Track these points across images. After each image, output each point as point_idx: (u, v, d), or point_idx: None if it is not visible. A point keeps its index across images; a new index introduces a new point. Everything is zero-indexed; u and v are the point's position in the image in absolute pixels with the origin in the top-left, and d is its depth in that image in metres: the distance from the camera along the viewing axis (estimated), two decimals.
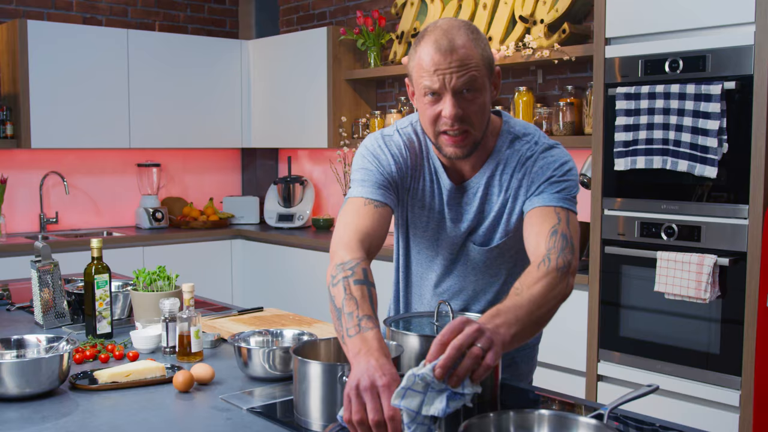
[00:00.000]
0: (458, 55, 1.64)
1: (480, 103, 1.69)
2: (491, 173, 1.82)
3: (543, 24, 4.02)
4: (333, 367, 1.52)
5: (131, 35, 5.15)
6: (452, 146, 1.72)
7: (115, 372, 1.86)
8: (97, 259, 2.28)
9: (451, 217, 1.88)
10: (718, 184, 3.02)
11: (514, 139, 1.82)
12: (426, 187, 1.87)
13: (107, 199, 5.49)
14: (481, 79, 1.67)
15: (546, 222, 1.70)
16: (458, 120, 1.68)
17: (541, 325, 1.57)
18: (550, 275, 1.60)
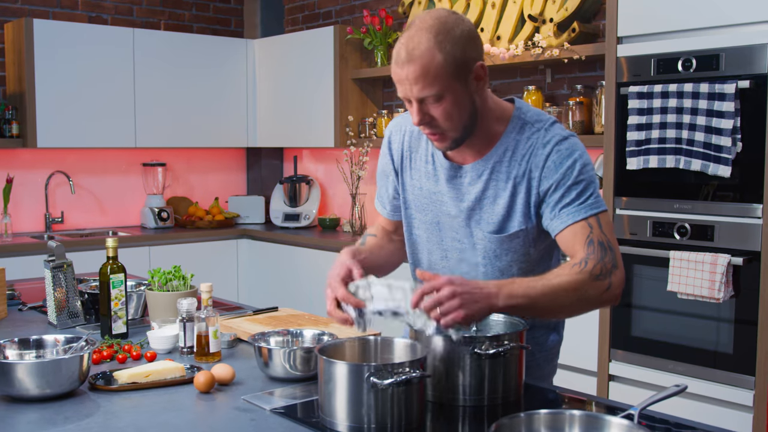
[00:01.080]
0: (415, 66, 1.65)
1: (446, 108, 1.69)
2: (499, 158, 1.81)
3: (552, 23, 4.01)
4: (359, 368, 1.51)
5: (137, 34, 5.13)
6: (435, 143, 1.79)
7: (135, 372, 1.84)
8: (113, 259, 2.27)
9: (452, 195, 1.87)
10: (731, 184, 3.01)
11: (524, 125, 1.81)
12: (422, 168, 1.92)
13: (113, 198, 5.47)
14: (445, 86, 1.67)
15: (579, 236, 1.72)
16: (425, 125, 1.72)
17: (553, 314, 1.72)
18: (581, 275, 1.65)
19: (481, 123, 1.78)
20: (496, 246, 1.84)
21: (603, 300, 1.67)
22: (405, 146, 1.95)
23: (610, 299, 1.68)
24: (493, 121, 1.81)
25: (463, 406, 1.70)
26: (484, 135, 1.80)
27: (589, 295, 1.65)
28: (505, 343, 1.68)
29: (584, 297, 1.64)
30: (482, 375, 1.69)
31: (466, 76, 1.69)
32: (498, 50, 4.14)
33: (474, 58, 1.70)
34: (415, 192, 1.94)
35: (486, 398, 1.71)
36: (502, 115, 1.82)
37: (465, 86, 1.70)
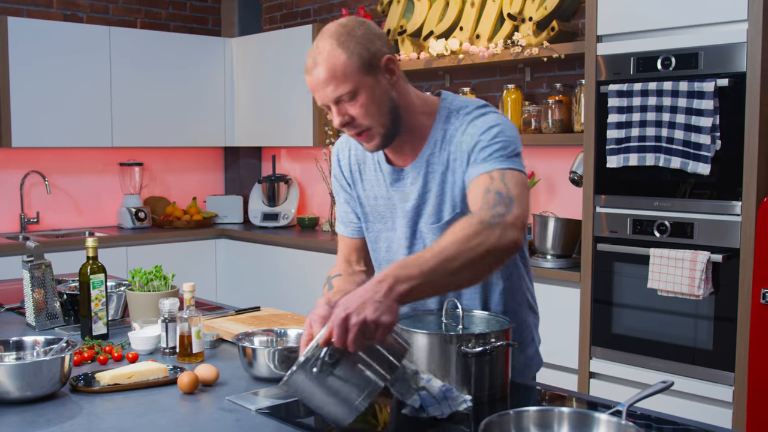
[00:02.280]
0: (322, 68, 1.69)
1: (363, 103, 1.71)
2: (431, 151, 1.83)
3: (532, 22, 4.02)
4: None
5: (113, 33, 5.08)
6: (365, 144, 1.79)
7: (117, 374, 1.82)
8: (93, 259, 2.24)
9: (399, 197, 1.89)
10: (710, 181, 3.04)
11: (450, 114, 1.83)
12: (372, 177, 1.94)
13: (89, 198, 5.41)
14: (356, 82, 1.70)
15: (480, 186, 1.69)
16: (349, 126, 1.74)
17: (460, 278, 1.53)
18: (471, 228, 1.55)
19: (407, 120, 1.81)
20: (438, 236, 1.80)
21: (502, 246, 1.56)
22: (353, 161, 1.98)
23: (508, 244, 1.57)
24: (420, 117, 1.83)
25: None
26: (415, 132, 1.83)
27: (486, 245, 1.53)
28: (492, 341, 1.68)
29: (481, 248, 1.53)
30: (469, 373, 1.69)
31: (375, 71, 1.72)
32: (477, 49, 4.14)
33: (380, 53, 1.73)
34: (371, 202, 1.96)
35: (472, 397, 1.70)
36: (429, 109, 1.85)
37: (377, 81, 1.73)
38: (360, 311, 1.40)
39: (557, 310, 3.54)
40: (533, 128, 4.06)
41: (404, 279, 1.45)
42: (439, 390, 1.60)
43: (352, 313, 1.40)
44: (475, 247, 1.52)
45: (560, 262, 3.65)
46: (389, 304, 1.42)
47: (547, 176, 4.20)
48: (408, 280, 1.45)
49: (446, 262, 1.49)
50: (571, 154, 4.01)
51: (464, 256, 1.50)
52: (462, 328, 1.75)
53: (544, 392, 1.82)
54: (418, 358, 1.70)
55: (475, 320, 1.83)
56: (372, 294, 1.42)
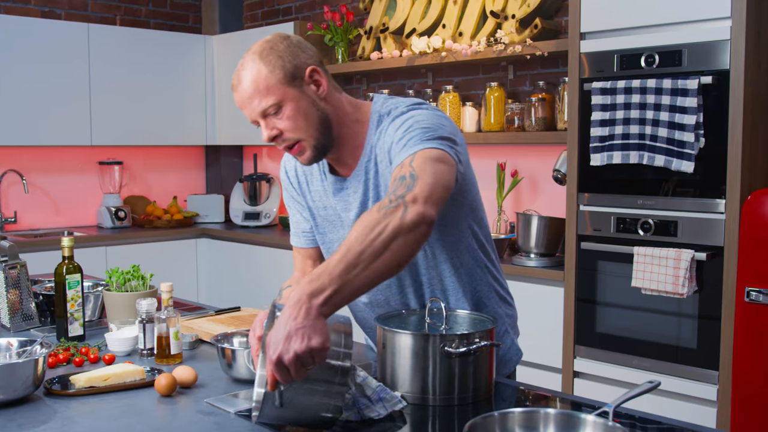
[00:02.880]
0: (245, 83, 1.72)
1: (289, 116, 1.72)
2: (368, 158, 1.81)
3: (515, 19, 4.00)
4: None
5: (92, 29, 5.01)
6: (298, 158, 1.79)
7: (93, 376, 1.77)
8: (69, 259, 2.19)
9: (342, 207, 1.88)
10: (694, 179, 3.02)
11: (381, 117, 1.81)
12: (319, 188, 1.93)
13: (68, 198, 5.34)
14: (279, 94, 1.71)
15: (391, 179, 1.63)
16: (278, 139, 1.75)
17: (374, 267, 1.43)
18: (369, 217, 1.48)
19: (341, 130, 1.80)
20: None
21: (407, 224, 1.46)
22: (299, 172, 1.97)
23: (413, 220, 1.47)
24: (354, 125, 1.82)
25: (433, 405, 1.66)
26: (352, 140, 1.82)
27: (389, 229, 1.45)
28: (476, 341, 1.65)
29: (384, 233, 1.44)
30: (452, 374, 1.66)
31: (300, 83, 1.73)
32: (460, 46, 4.12)
33: (304, 65, 1.73)
34: (321, 213, 1.95)
35: (456, 397, 1.67)
36: (362, 116, 1.84)
37: (302, 93, 1.73)
38: (288, 348, 1.35)
39: (541, 309, 3.52)
40: (516, 126, 4.04)
41: (318, 291, 1.39)
42: (374, 390, 1.57)
43: (282, 353, 1.35)
44: (377, 234, 1.44)
45: (544, 260, 3.63)
46: (312, 324, 1.37)
47: (530, 174, 4.18)
48: (321, 292, 1.39)
49: (354, 259, 1.42)
50: (555, 152, 4.00)
51: (370, 247, 1.43)
52: (446, 327, 1.72)
53: (528, 393, 1.79)
54: (401, 359, 1.67)
55: (459, 320, 1.80)
56: (293, 322, 1.37)
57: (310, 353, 1.36)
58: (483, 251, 1.93)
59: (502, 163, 4.15)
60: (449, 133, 1.72)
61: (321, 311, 1.39)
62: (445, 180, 1.60)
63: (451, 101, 4.26)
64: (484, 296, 1.95)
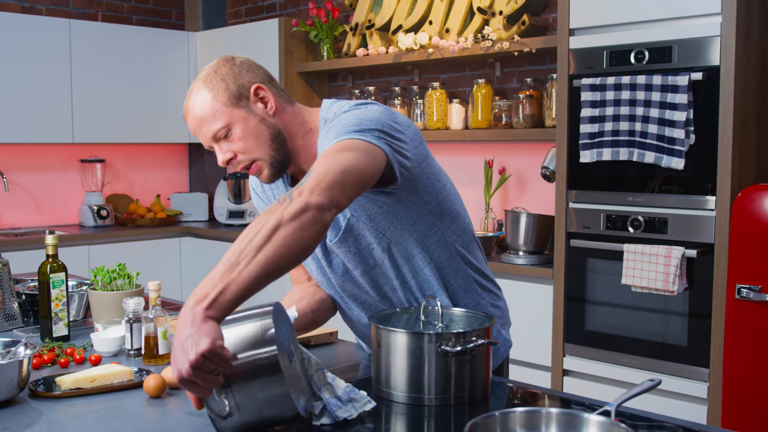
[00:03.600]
0: (193, 111, 1.74)
1: (239, 136, 1.73)
2: None
3: (502, 16, 3.97)
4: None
5: (73, 26, 4.94)
6: (259, 178, 1.78)
7: (79, 377, 1.73)
8: (53, 257, 2.14)
9: None
10: (684, 176, 3.01)
11: (326, 123, 1.78)
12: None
13: (49, 196, 5.27)
14: (226, 117, 1.72)
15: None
16: (233, 161, 1.75)
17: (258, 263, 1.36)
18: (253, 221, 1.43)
19: (296, 142, 1.79)
20: (345, 249, 1.80)
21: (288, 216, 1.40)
22: (267, 190, 1.95)
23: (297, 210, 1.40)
24: (308, 135, 1.81)
25: (428, 405, 1.63)
26: (307, 152, 1.81)
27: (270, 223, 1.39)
28: (473, 339, 1.62)
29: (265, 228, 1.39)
30: (448, 373, 1.63)
31: (245, 103, 1.74)
32: (447, 43, 4.09)
33: (248, 84, 1.75)
34: None
35: (452, 397, 1.64)
36: (313, 124, 1.82)
37: (249, 112, 1.74)
38: (183, 361, 1.29)
39: (530, 307, 3.50)
40: (504, 123, 4.02)
41: (202, 297, 1.33)
42: (344, 391, 1.54)
43: (180, 368, 1.30)
44: (257, 232, 1.38)
45: (532, 258, 3.61)
46: (198, 330, 1.30)
47: (518, 172, 4.16)
48: (206, 296, 1.33)
49: (235, 258, 1.36)
50: (543, 149, 3.98)
51: (249, 244, 1.37)
52: (441, 326, 1.69)
53: (525, 392, 1.77)
54: (396, 358, 1.64)
55: (455, 318, 1.77)
56: (182, 332, 1.32)
57: (203, 358, 1.28)
58: (460, 243, 1.90)
59: (489, 160, 4.12)
60: (382, 126, 1.64)
61: (206, 315, 1.32)
62: (347, 165, 1.51)
63: (437, 98, 4.23)
64: (461, 288, 1.92)
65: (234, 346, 1.38)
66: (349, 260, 1.84)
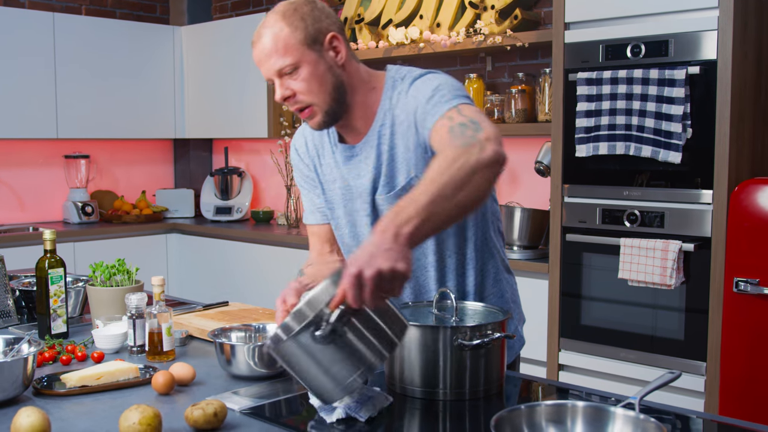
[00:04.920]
0: (265, 41, 1.72)
1: (304, 78, 1.72)
2: (381, 122, 1.81)
3: (494, 10, 3.95)
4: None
5: (57, 19, 4.86)
6: (307, 120, 1.79)
7: (85, 375, 1.69)
8: (51, 252, 2.09)
9: (353, 175, 1.86)
10: (681, 170, 3.01)
11: (395, 82, 1.82)
12: (330, 162, 1.91)
13: (32, 192, 5.18)
14: (298, 56, 1.71)
15: (441, 130, 1.63)
16: (290, 100, 1.75)
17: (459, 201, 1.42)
18: (448, 153, 1.48)
19: (355, 97, 1.80)
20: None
21: (484, 160, 1.45)
22: (310, 147, 1.96)
23: (491, 156, 1.46)
24: (369, 93, 1.82)
25: (443, 400, 1.61)
26: (365, 108, 1.82)
27: (470, 162, 1.44)
28: (489, 332, 1.60)
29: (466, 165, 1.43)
30: (464, 367, 1.61)
31: (319, 48, 1.73)
32: (438, 37, 4.07)
33: (325, 30, 1.74)
34: (330, 187, 1.93)
35: (467, 392, 1.62)
36: (377, 83, 1.84)
37: (320, 57, 1.74)
38: (372, 263, 1.30)
39: (525, 302, 3.46)
40: (496, 118, 4.00)
41: (405, 221, 1.36)
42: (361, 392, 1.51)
43: (364, 267, 1.30)
44: (460, 167, 1.43)
45: (527, 253, 3.60)
46: (400, 250, 1.33)
47: (511, 166, 4.15)
48: (409, 221, 1.36)
49: (439, 190, 1.40)
50: (535, 143, 3.97)
51: (453, 178, 1.41)
52: (456, 319, 1.66)
53: (541, 386, 1.75)
54: (411, 352, 1.62)
55: (468, 311, 1.74)
56: (379, 245, 1.33)
57: (392, 275, 1.30)
58: (495, 228, 1.94)
59: None
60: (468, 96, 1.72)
61: (409, 240, 1.35)
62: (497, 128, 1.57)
63: None
64: (491, 277, 1.94)
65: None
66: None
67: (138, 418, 1.35)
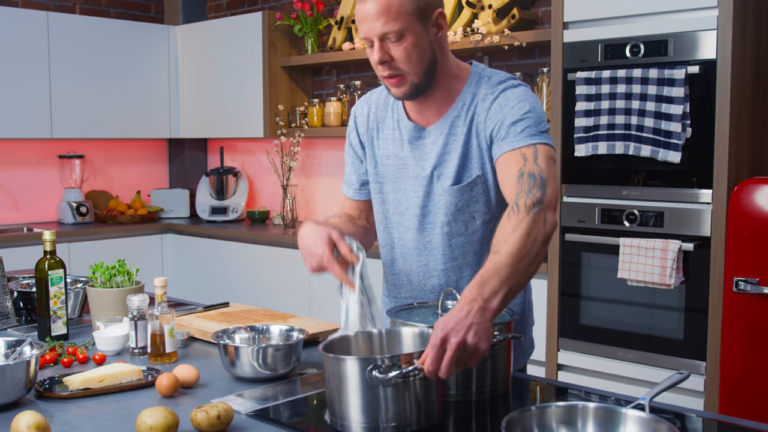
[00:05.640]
0: (374, 4, 1.70)
1: (407, 47, 1.73)
2: (457, 113, 1.83)
3: (491, 9, 3.95)
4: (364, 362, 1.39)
5: (51, 18, 4.84)
6: (392, 87, 1.79)
7: (87, 377, 1.67)
8: (51, 253, 2.08)
9: (416, 156, 1.88)
10: (681, 170, 3.01)
11: (481, 79, 1.84)
12: (389, 136, 1.93)
13: (27, 192, 5.15)
14: (406, 24, 1.71)
15: (512, 166, 1.71)
16: (386, 65, 1.74)
17: (529, 274, 1.58)
18: (523, 222, 1.59)
19: (440, 79, 1.82)
20: (457, 199, 1.84)
21: (548, 233, 1.61)
22: (371, 118, 1.97)
23: (551, 228, 1.62)
24: (452, 79, 1.84)
25: (450, 401, 1.60)
26: (444, 93, 1.84)
27: (540, 237, 1.59)
28: (495, 334, 1.59)
29: (538, 240, 1.58)
30: (470, 369, 1.60)
31: (426, 21, 1.74)
32: None
33: (434, 5, 1.76)
34: (383, 161, 1.94)
35: (474, 393, 1.62)
36: (461, 73, 1.86)
37: (425, 30, 1.75)
38: (459, 332, 1.39)
39: None
40: None
41: (491, 294, 1.48)
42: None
43: (451, 334, 1.39)
44: (533, 242, 1.56)
45: None
46: (486, 327, 1.44)
47: None
48: (495, 295, 1.48)
49: (518, 263, 1.53)
50: None
51: (529, 253, 1.55)
52: None
53: (549, 387, 1.74)
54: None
55: None
56: (466, 315, 1.43)
57: (474, 350, 1.41)
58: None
59: None
60: (548, 123, 1.82)
61: (495, 314, 1.48)
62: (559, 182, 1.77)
63: None
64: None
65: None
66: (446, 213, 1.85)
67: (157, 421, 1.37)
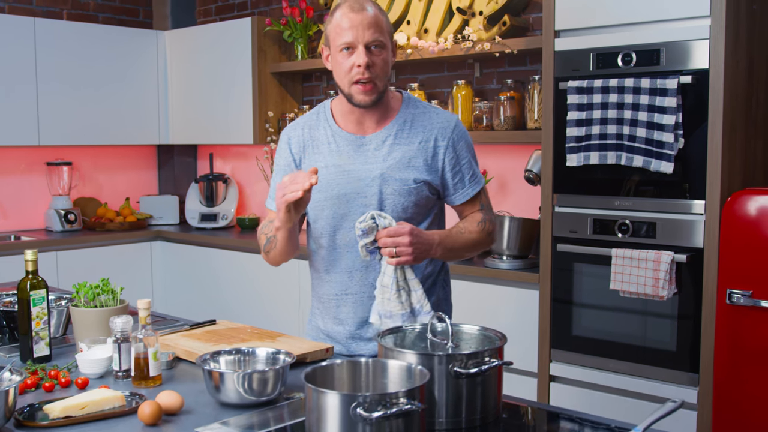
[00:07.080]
0: (368, 15, 2.01)
1: (384, 58, 2.05)
2: (400, 127, 2.13)
3: (482, 16, 3.92)
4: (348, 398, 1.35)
5: (38, 24, 4.78)
6: (362, 94, 2.04)
7: (68, 405, 1.63)
8: (33, 273, 2.03)
9: (361, 161, 2.11)
10: (673, 180, 2.98)
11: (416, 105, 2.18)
12: (325, 150, 2.15)
13: (14, 200, 5.10)
14: (385, 40, 2.05)
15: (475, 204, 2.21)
16: (368, 68, 2.01)
17: (456, 258, 2.16)
18: (483, 234, 2.17)
19: (387, 94, 2.13)
20: (404, 199, 2.09)
21: (488, 246, 2.23)
22: (305, 137, 2.19)
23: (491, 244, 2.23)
24: (390, 99, 2.17)
25: (439, 430, 1.57)
26: (384, 108, 2.14)
27: (482, 246, 2.19)
28: (486, 359, 1.56)
29: (479, 247, 2.18)
30: (460, 395, 1.57)
31: (392, 45, 2.10)
32: (426, 43, 4.02)
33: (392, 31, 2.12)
34: (322, 171, 2.11)
35: (464, 420, 1.58)
36: (395, 96, 2.19)
37: (391, 51, 2.10)
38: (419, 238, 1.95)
39: (515, 312, 3.46)
40: (485, 125, 3.96)
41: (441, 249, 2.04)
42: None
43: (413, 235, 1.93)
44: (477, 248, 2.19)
45: (517, 263, 3.56)
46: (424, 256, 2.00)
47: (500, 174, 4.11)
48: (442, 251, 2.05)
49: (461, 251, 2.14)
50: (524, 151, 3.93)
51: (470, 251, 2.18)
52: (452, 345, 1.62)
53: (539, 411, 1.71)
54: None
55: (464, 336, 1.70)
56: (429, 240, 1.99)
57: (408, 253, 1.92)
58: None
59: None
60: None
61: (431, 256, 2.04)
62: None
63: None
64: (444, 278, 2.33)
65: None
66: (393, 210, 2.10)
67: None
